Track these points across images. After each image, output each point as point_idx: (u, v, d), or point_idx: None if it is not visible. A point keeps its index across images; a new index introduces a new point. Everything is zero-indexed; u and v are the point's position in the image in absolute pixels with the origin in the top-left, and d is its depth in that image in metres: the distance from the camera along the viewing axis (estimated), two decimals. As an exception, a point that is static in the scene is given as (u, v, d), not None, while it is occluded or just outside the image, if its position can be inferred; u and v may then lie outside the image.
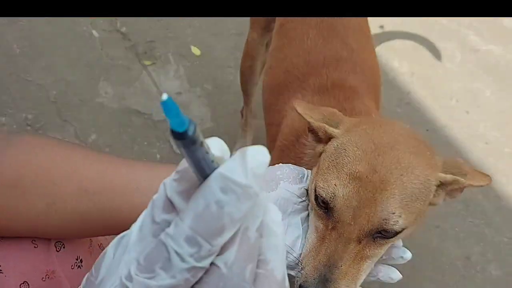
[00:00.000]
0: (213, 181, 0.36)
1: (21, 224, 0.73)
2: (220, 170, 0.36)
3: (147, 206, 0.42)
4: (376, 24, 2.38)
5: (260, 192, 0.37)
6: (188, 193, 0.38)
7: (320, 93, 1.22)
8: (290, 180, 0.82)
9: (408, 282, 1.70)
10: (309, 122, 0.90)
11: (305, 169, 0.86)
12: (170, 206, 0.39)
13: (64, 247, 0.80)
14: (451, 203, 1.92)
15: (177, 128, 0.35)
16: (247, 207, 0.36)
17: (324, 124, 0.88)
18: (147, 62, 2.28)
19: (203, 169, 0.38)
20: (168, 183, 0.39)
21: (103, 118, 2.05)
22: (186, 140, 0.36)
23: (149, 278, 0.36)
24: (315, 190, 0.81)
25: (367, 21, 1.46)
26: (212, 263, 0.37)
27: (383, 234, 0.80)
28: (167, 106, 0.35)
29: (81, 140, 1.97)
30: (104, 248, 0.88)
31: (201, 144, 0.36)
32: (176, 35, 2.39)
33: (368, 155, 0.80)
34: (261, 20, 1.65)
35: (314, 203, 0.83)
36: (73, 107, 2.06)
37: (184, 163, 0.39)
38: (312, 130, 0.92)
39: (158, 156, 1.99)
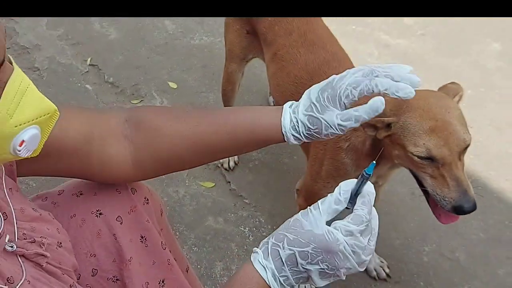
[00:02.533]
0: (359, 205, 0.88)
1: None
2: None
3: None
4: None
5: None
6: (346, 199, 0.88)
7: None
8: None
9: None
10: (366, 123, 1.18)
11: None
12: (339, 202, 0.87)
13: (136, 191, 1.14)
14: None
15: (368, 172, 0.86)
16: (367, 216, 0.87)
17: (379, 118, 1.21)
18: (135, 101, 2.67)
19: (358, 190, 0.88)
20: (343, 189, 0.88)
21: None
22: (367, 177, 0.87)
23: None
24: (415, 155, 1.22)
25: (329, 30, 1.83)
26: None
27: (464, 150, 1.22)
28: (371, 167, 0.87)
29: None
30: (153, 201, 1.21)
31: (366, 182, 0.88)
32: (154, 76, 2.80)
33: (426, 117, 1.21)
34: (240, 54, 2.03)
35: (419, 161, 1.22)
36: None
37: (350, 186, 0.88)
38: (368, 126, 1.27)
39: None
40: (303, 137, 0.98)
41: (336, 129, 0.95)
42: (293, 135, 0.98)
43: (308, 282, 0.90)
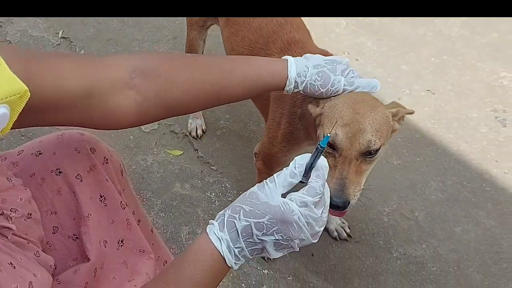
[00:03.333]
0: (314, 178, 0.89)
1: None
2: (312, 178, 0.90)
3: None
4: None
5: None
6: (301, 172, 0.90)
7: (283, 52, 1.57)
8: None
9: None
10: (314, 98, 1.24)
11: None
12: (294, 175, 0.89)
13: (95, 151, 1.13)
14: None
15: (323, 145, 0.89)
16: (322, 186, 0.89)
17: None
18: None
19: (312, 164, 0.89)
20: (298, 163, 0.90)
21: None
22: (322, 150, 0.89)
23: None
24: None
25: None
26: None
27: (369, 153, 1.19)
28: (326, 140, 0.91)
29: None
30: (113, 162, 1.21)
31: (320, 155, 0.90)
32: (125, 48, 2.77)
33: (350, 107, 1.19)
34: (199, 21, 2.01)
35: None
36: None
37: (305, 160, 0.90)
38: (315, 101, 1.26)
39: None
40: (303, 86, 1.13)
41: (340, 88, 1.15)
42: (296, 81, 1.10)
43: (263, 253, 0.91)
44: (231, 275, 1.86)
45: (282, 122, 1.55)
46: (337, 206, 1.16)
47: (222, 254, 0.86)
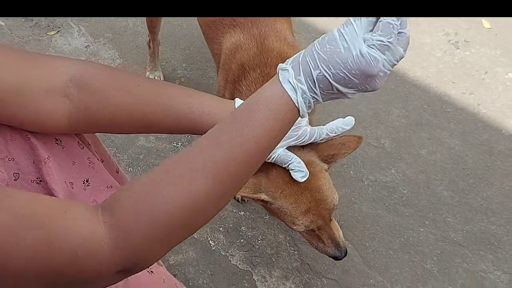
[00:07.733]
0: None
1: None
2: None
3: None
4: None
5: None
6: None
7: (242, 27, 1.42)
8: None
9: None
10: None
11: None
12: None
13: None
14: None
15: None
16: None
17: (256, 196, 1.19)
18: (52, 33, 2.43)
19: None
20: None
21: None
22: None
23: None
24: (294, 229, 1.21)
25: None
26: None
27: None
28: None
29: None
30: None
31: None
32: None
33: (300, 195, 1.16)
34: None
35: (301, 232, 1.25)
36: None
37: None
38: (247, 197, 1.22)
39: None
40: None
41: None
42: None
43: (336, 99, 0.79)
44: (208, 220, 1.76)
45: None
46: (342, 258, 1.27)
47: (296, 105, 0.75)
